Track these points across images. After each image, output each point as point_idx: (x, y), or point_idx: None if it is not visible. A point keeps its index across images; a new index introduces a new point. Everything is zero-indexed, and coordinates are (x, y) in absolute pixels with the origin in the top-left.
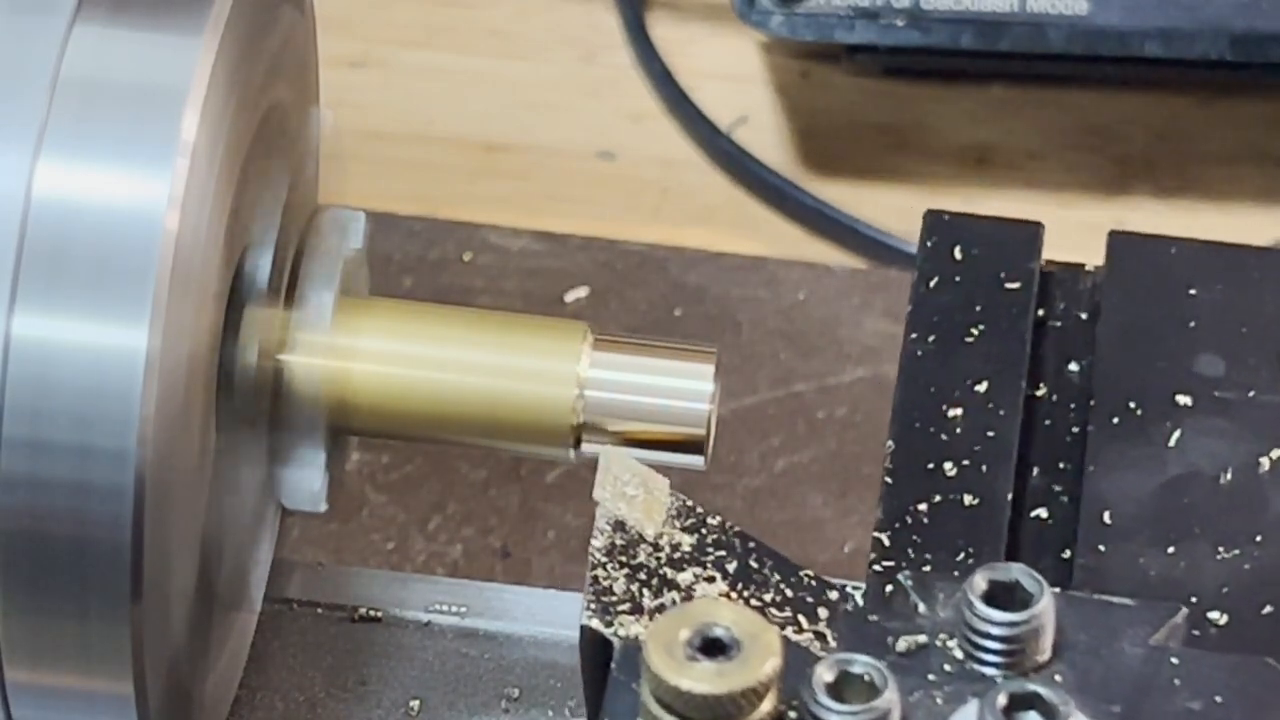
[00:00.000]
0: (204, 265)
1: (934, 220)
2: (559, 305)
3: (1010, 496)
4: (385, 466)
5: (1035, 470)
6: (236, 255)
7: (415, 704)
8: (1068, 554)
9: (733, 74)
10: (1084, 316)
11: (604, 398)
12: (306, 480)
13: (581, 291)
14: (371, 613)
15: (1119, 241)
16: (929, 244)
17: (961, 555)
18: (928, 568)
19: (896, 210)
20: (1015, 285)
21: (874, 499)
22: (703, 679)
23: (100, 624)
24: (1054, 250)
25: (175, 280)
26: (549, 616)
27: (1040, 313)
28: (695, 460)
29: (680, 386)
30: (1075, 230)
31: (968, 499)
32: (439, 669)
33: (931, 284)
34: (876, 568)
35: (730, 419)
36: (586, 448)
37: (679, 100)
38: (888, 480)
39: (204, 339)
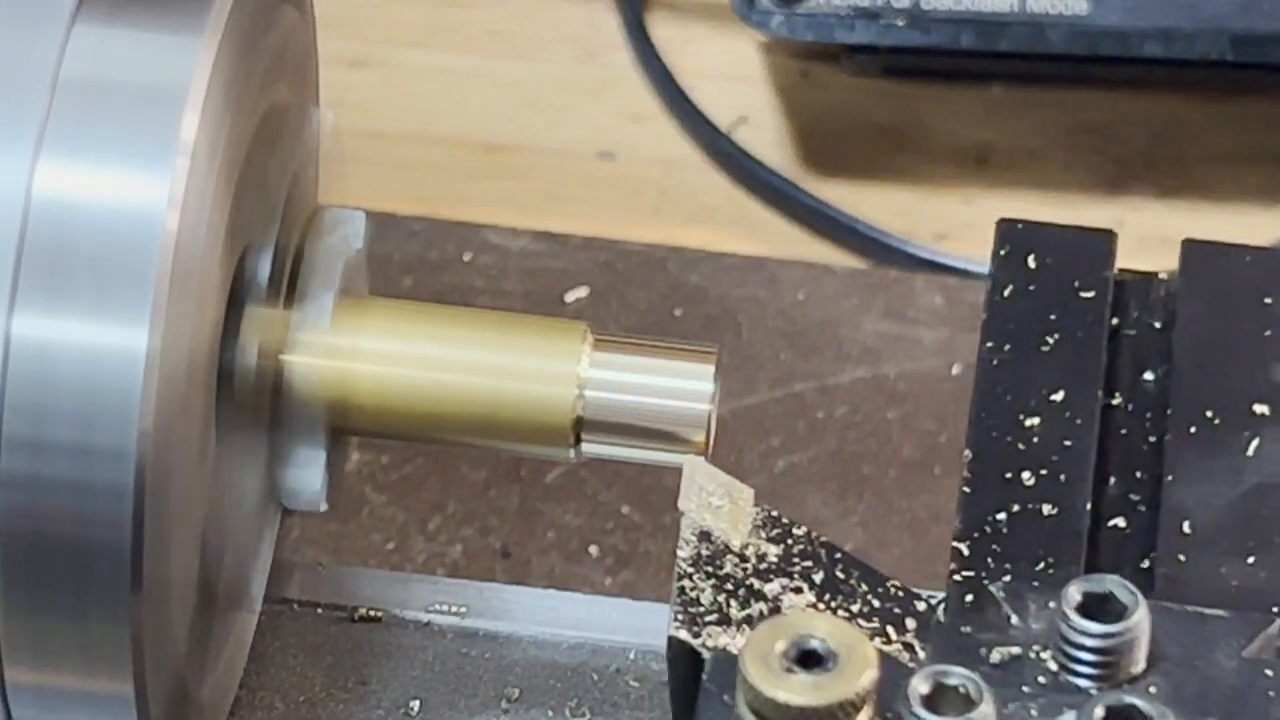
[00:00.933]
0: (204, 265)
1: (1007, 229)
2: (559, 305)
3: (1089, 506)
4: (385, 466)
5: (1112, 479)
6: (236, 255)
7: (415, 704)
8: (1146, 564)
9: (733, 74)
10: (1158, 325)
11: (604, 398)
12: (306, 480)
13: (581, 291)
14: (371, 613)
15: (1192, 250)
16: (1002, 253)
17: (1041, 565)
18: (1007, 577)
19: (896, 210)
20: (1089, 294)
21: (873, 499)
22: (800, 691)
23: (100, 624)
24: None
25: (175, 280)
26: (549, 616)
27: (1114, 321)
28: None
29: (680, 386)
30: None
31: (1046, 508)
32: (439, 669)
33: (1006, 293)
34: (956, 578)
35: (730, 419)
36: (586, 448)
37: (679, 100)
38: (966, 490)
39: (204, 339)
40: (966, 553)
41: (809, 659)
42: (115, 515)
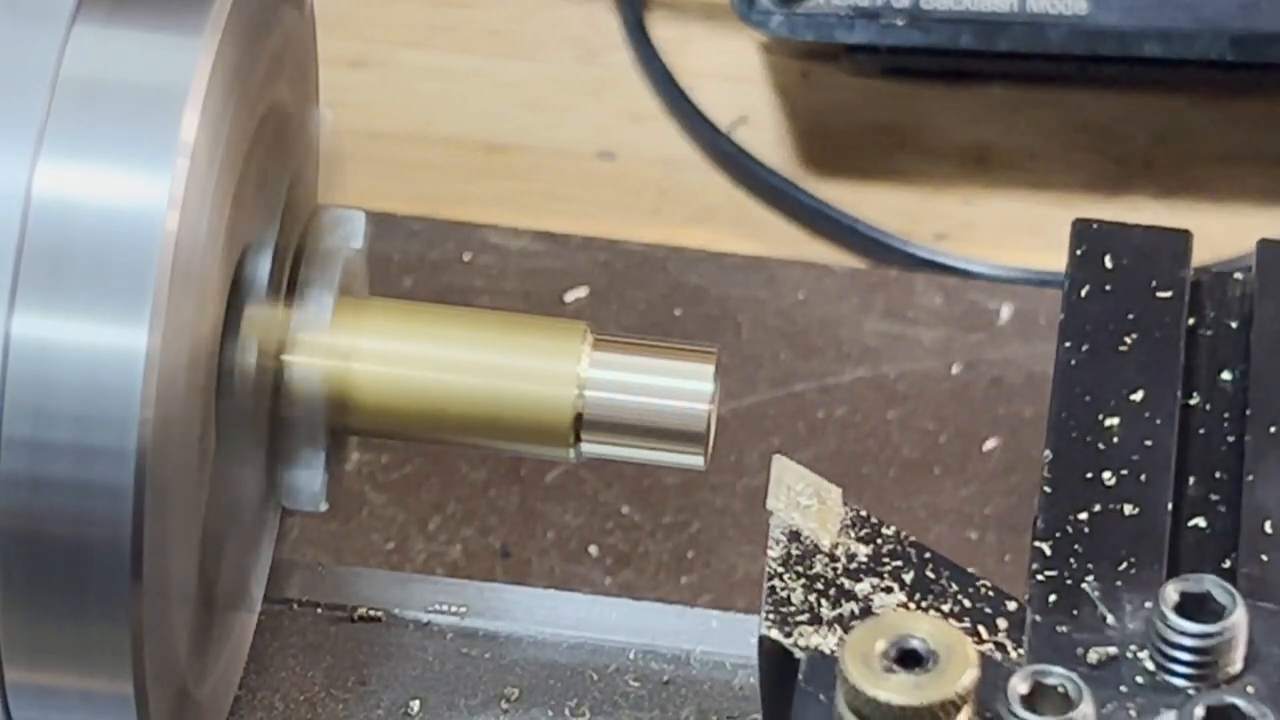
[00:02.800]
0: (204, 265)
1: (1083, 229)
2: (559, 305)
3: (1169, 506)
4: (385, 466)
5: (1192, 479)
6: (236, 255)
7: (415, 704)
8: (1228, 564)
9: (733, 74)
10: (1234, 325)
11: (604, 398)
12: (306, 480)
13: (581, 291)
14: (371, 613)
15: (1268, 249)
16: (1079, 253)
17: (1123, 565)
18: (1090, 577)
19: (896, 210)
20: (1166, 294)
21: (873, 499)
22: (901, 690)
23: (100, 624)
24: (1055, 250)
25: (175, 280)
26: (549, 616)
27: (1190, 321)
28: (695, 460)
29: (680, 386)
30: None
31: (1127, 508)
32: (439, 669)
33: (1083, 293)
34: (1039, 577)
35: (730, 419)
36: (586, 448)
37: (679, 100)
38: (1047, 490)
39: (204, 339)
40: (1049, 552)
41: (909, 659)
42: (115, 515)
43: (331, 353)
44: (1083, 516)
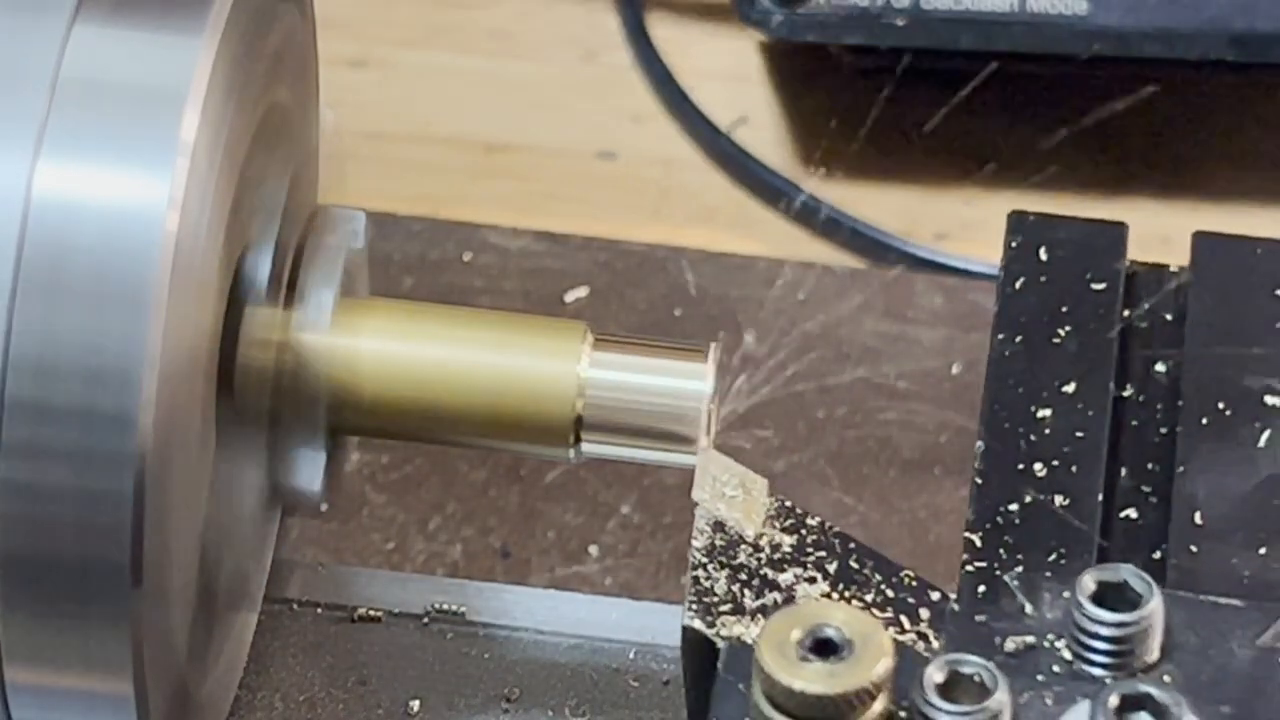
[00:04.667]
0: (204, 265)
1: (1018, 221)
2: (559, 305)
3: (1100, 497)
4: (385, 466)
5: (1124, 471)
6: (236, 255)
7: (415, 704)
8: (1158, 554)
9: (733, 74)
10: (1169, 317)
11: (604, 398)
12: (306, 480)
13: (581, 291)
14: (371, 613)
15: (1203, 242)
16: (1014, 245)
17: (1053, 556)
18: (1020, 568)
19: (896, 210)
20: (1101, 286)
21: (873, 499)
22: (814, 679)
23: (100, 624)
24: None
25: (175, 280)
26: (549, 616)
27: (1125, 313)
28: (695, 460)
29: (679, 386)
30: None
31: (1058, 499)
32: (439, 669)
33: (1018, 285)
34: (969, 568)
35: (730, 419)
36: (586, 448)
37: (679, 100)
38: (978, 481)
39: (204, 339)
40: (979, 543)
41: (824, 648)
42: (115, 516)
43: (331, 353)
44: (1014, 508)
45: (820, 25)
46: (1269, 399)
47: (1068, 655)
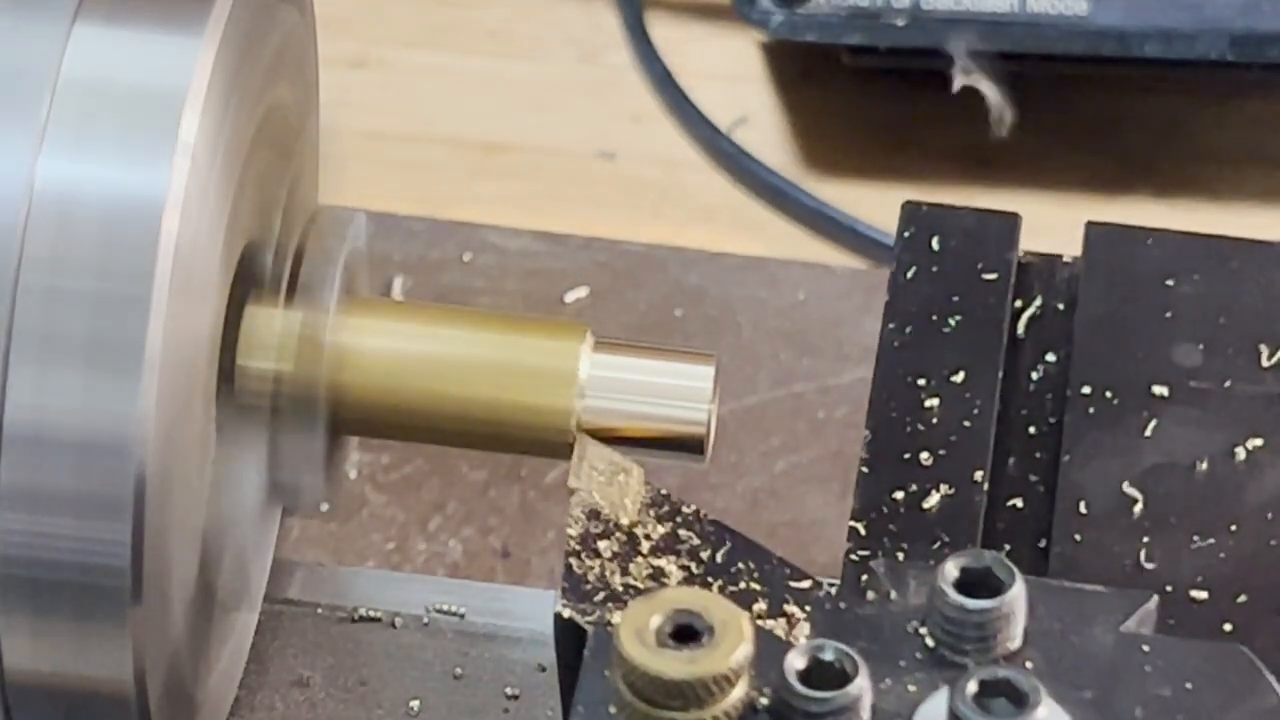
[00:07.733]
0: (204, 265)
1: (911, 211)
2: (559, 305)
3: (986, 486)
4: (385, 466)
5: (1011, 460)
6: (237, 255)
7: (415, 704)
8: (1044, 543)
9: (733, 74)
10: (1061, 307)
11: (604, 399)
12: (306, 480)
13: (581, 291)
14: (371, 613)
15: (1096, 232)
16: (906, 235)
17: (937, 544)
18: (903, 556)
19: (896, 210)
20: (992, 276)
21: None
22: (674, 665)
23: (100, 625)
24: (1055, 250)
25: (175, 280)
26: (549, 616)
27: (1017, 303)
28: (695, 461)
29: (680, 387)
30: (1076, 230)
31: (944, 488)
32: (439, 669)
33: (909, 275)
34: (853, 556)
35: (730, 419)
36: None
37: (679, 100)
38: (864, 469)
39: (204, 339)
40: (864, 532)
41: (685, 634)
42: (115, 516)
43: (331, 353)
44: (899, 496)
45: (820, 25)
46: (1156, 389)
47: (931, 642)
